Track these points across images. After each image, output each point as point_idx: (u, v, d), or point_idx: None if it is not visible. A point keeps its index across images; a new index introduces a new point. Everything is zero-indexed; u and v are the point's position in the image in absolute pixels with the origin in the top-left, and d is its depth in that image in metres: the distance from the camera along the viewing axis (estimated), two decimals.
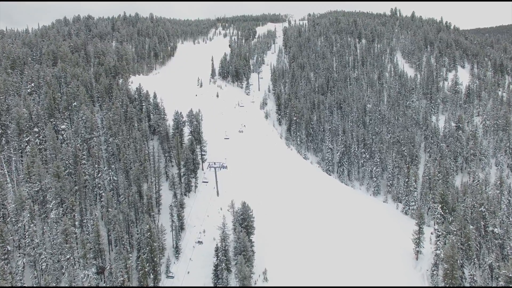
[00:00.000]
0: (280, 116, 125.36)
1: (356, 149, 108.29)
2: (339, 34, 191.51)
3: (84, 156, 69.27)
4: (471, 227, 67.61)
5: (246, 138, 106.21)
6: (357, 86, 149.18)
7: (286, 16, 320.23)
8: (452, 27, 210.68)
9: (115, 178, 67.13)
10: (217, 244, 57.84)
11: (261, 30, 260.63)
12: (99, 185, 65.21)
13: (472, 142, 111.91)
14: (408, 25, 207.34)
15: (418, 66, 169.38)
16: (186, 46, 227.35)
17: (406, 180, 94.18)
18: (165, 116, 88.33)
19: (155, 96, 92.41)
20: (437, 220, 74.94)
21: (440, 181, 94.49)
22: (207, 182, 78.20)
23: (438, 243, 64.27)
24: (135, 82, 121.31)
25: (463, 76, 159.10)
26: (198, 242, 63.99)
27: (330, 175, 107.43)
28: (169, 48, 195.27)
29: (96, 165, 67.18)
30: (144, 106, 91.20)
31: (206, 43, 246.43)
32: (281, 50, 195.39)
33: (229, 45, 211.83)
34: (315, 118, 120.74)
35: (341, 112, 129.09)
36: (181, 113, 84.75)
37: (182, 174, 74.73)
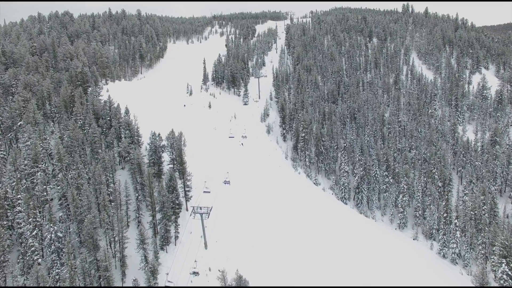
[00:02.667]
0: (284, 131, 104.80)
1: (377, 171, 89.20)
2: (347, 32, 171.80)
3: (19, 202, 49.92)
4: None
5: (244, 159, 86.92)
6: (371, 92, 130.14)
7: (287, 14, 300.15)
8: (469, 24, 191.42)
9: (60, 235, 47.69)
10: None
11: (261, 28, 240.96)
12: (33, 248, 45.80)
13: None
14: (423, 23, 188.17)
15: (437, 68, 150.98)
16: (178, 46, 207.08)
17: (444, 214, 75.45)
18: (140, 139, 68.58)
19: (127, 112, 72.21)
20: (501, 280, 56.06)
21: (486, 215, 76.05)
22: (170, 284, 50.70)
23: None
24: (112, 90, 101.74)
25: (488, 79, 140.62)
26: None
27: (346, 203, 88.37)
28: (157, 48, 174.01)
29: (33, 218, 47.77)
30: (113, 126, 71.33)
31: (201, 42, 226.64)
32: (283, 51, 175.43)
33: (226, 45, 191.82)
34: (326, 132, 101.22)
35: (356, 123, 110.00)
36: (159, 135, 65.30)
37: (157, 222, 55.40)
